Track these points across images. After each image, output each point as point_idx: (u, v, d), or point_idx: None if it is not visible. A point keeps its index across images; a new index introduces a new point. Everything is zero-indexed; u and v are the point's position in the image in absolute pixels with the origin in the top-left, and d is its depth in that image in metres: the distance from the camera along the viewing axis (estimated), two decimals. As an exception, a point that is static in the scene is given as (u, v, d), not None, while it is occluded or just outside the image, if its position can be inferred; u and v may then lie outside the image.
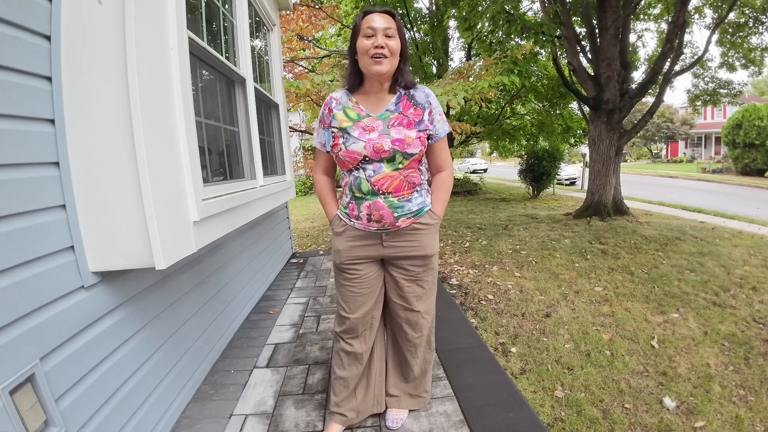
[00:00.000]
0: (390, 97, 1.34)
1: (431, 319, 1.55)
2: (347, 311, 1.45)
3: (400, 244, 1.38)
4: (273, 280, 3.42)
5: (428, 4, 10.31)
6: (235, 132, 2.41)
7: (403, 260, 1.40)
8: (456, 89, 3.85)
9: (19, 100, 0.98)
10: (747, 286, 3.61)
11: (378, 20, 1.23)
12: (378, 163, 1.28)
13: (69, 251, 1.12)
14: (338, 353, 1.52)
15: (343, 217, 1.40)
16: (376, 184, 1.28)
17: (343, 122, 1.31)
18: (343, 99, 1.36)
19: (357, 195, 1.33)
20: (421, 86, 1.38)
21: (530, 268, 4.24)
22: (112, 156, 1.15)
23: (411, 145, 1.28)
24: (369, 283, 1.43)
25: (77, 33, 1.11)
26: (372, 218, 1.32)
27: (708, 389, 2.13)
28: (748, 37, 8.13)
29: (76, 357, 1.10)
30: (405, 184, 1.32)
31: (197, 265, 1.92)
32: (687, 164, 25.91)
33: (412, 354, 1.54)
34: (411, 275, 1.42)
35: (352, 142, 1.28)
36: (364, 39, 1.24)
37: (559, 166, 11.36)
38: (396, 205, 1.31)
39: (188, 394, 1.73)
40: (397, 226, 1.34)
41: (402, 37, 1.27)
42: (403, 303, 1.47)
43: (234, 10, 2.46)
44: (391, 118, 1.30)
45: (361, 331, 1.48)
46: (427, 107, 1.33)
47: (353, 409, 1.53)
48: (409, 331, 1.50)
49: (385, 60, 1.24)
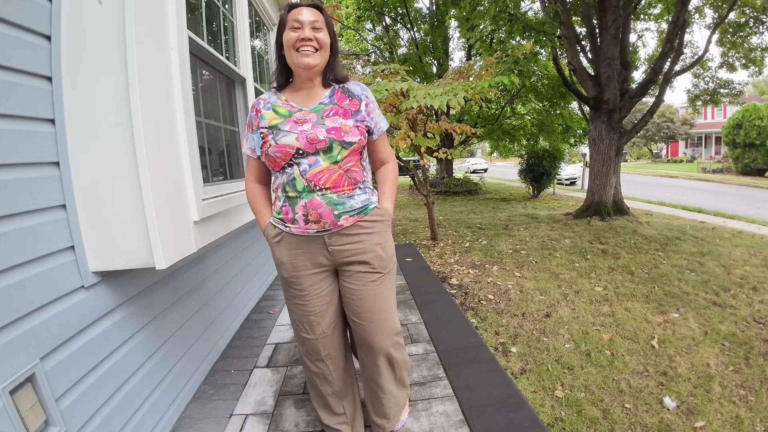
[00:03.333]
0: (323, 90, 1.26)
1: (397, 345, 1.34)
2: (303, 331, 1.31)
3: (345, 247, 1.22)
4: (273, 280, 3.42)
5: (428, 4, 10.30)
6: (236, 132, 2.41)
7: (351, 266, 1.25)
8: (456, 89, 3.85)
9: (20, 100, 0.97)
10: (747, 286, 3.61)
11: (305, 13, 1.17)
12: (313, 156, 1.16)
13: (69, 251, 1.12)
14: (309, 371, 1.39)
15: (277, 223, 1.25)
16: (312, 179, 1.16)
17: (272, 120, 1.21)
18: (272, 98, 1.26)
19: (291, 195, 1.19)
20: (355, 81, 1.31)
21: (530, 268, 4.24)
22: (113, 156, 1.14)
23: (348, 133, 1.18)
24: (321, 299, 1.27)
25: (77, 33, 1.11)
26: (309, 218, 1.18)
27: (708, 389, 2.13)
28: (748, 37, 8.13)
29: (77, 357, 1.10)
30: (345, 179, 1.19)
31: (198, 264, 1.92)
32: (687, 164, 25.90)
33: (379, 387, 1.37)
34: (362, 284, 1.25)
35: (283, 135, 1.17)
36: (290, 32, 1.17)
37: (560, 166, 11.38)
38: (336, 201, 1.18)
39: (188, 393, 1.73)
40: (339, 226, 1.19)
41: (331, 30, 1.22)
42: (357, 319, 1.28)
43: (234, 9, 2.46)
44: (326, 109, 1.22)
45: (324, 354, 1.33)
46: (363, 99, 1.26)
47: (345, 422, 1.44)
48: (374, 355, 1.31)
49: (314, 53, 1.17)
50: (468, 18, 6.37)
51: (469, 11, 6.24)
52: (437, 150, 5.08)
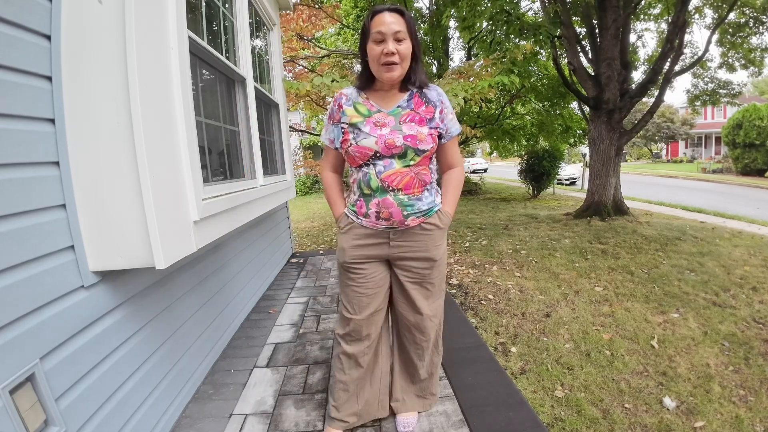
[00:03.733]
0: (401, 94, 1.32)
1: (439, 323, 1.51)
2: (351, 312, 1.41)
3: (407, 244, 1.35)
4: (273, 280, 3.42)
5: (428, 4, 10.30)
6: (236, 131, 2.41)
7: (409, 261, 1.38)
8: (456, 89, 3.85)
9: (20, 100, 0.97)
10: (747, 286, 3.61)
11: (388, 23, 1.19)
12: (389, 159, 1.25)
13: (69, 251, 1.12)
14: (338, 356, 1.48)
15: (351, 214, 1.37)
16: (386, 180, 1.26)
17: (353, 118, 1.29)
18: (353, 95, 1.34)
19: (366, 192, 1.30)
20: (433, 85, 1.36)
21: (530, 267, 4.24)
22: (112, 155, 1.14)
23: (423, 141, 1.25)
24: (375, 283, 1.40)
25: (77, 32, 1.11)
26: (381, 216, 1.29)
27: (708, 389, 2.13)
28: (748, 37, 8.13)
29: (76, 356, 1.10)
30: (416, 181, 1.28)
31: (197, 264, 1.92)
32: (687, 164, 25.90)
33: (419, 356, 1.51)
34: (417, 277, 1.39)
35: (363, 137, 1.25)
36: (374, 45, 1.21)
37: (559, 166, 11.38)
38: (406, 203, 1.28)
39: (188, 393, 1.73)
40: (405, 225, 1.31)
41: (414, 37, 1.24)
42: (409, 306, 1.43)
43: (234, 9, 2.46)
44: (403, 114, 1.28)
45: (365, 334, 1.44)
46: (438, 105, 1.31)
47: (354, 413, 1.49)
48: (416, 334, 1.47)
49: (396, 67, 1.22)
50: (465, 18, 6.36)
51: (468, 11, 6.24)
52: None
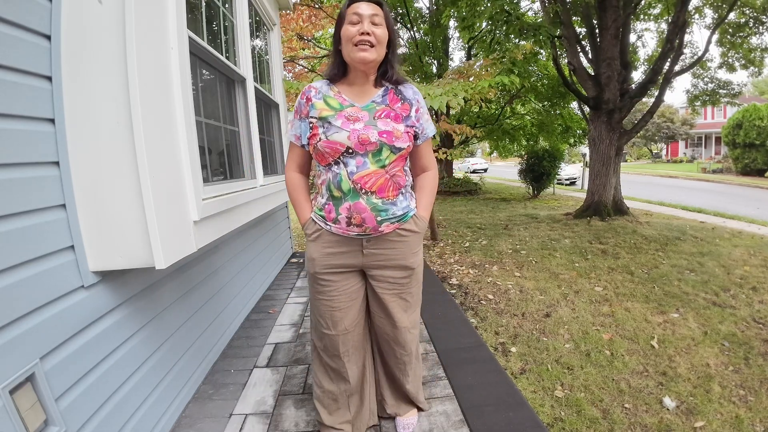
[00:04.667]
0: (376, 89, 1.26)
1: (417, 333, 1.46)
2: (325, 327, 1.33)
3: (381, 252, 1.26)
4: (273, 280, 3.42)
5: (428, 4, 10.30)
6: (236, 132, 2.41)
7: (384, 270, 1.29)
8: (456, 89, 3.85)
9: (19, 100, 0.97)
10: (747, 286, 3.61)
11: (364, 7, 1.15)
12: (362, 158, 1.16)
13: (69, 251, 1.12)
14: (323, 366, 1.40)
15: (318, 220, 1.27)
16: (358, 181, 1.16)
17: (323, 111, 1.20)
18: (324, 88, 1.25)
19: (336, 194, 1.20)
20: (409, 84, 1.31)
21: (530, 267, 4.24)
22: (112, 155, 1.14)
23: (399, 139, 1.18)
24: (348, 296, 1.31)
25: (77, 32, 1.10)
26: (352, 222, 1.19)
27: (708, 389, 2.13)
28: (748, 37, 8.13)
29: (76, 356, 1.10)
30: (390, 183, 1.20)
31: (197, 264, 1.92)
32: (687, 164, 25.90)
33: (401, 371, 1.45)
34: (394, 288, 1.32)
35: (334, 131, 1.16)
36: (349, 26, 1.16)
37: (559, 166, 11.37)
38: (380, 207, 1.19)
39: (188, 393, 1.73)
40: (379, 232, 1.22)
41: (390, 26, 1.20)
42: (387, 319, 1.35)
43: (234, 9, 2.46)
44: (378, 109, 1.21)
45: (343, 351, 1.34)
46: (414, 104, 1.26)
47: (347, 422, 1.44)
48: (396, 349, 1.40)
49: (370, 48, 1.15)
50: (465, 18, 6.37)
51: (468, 10, 6.24)
52: (437, 150, 5.07)
